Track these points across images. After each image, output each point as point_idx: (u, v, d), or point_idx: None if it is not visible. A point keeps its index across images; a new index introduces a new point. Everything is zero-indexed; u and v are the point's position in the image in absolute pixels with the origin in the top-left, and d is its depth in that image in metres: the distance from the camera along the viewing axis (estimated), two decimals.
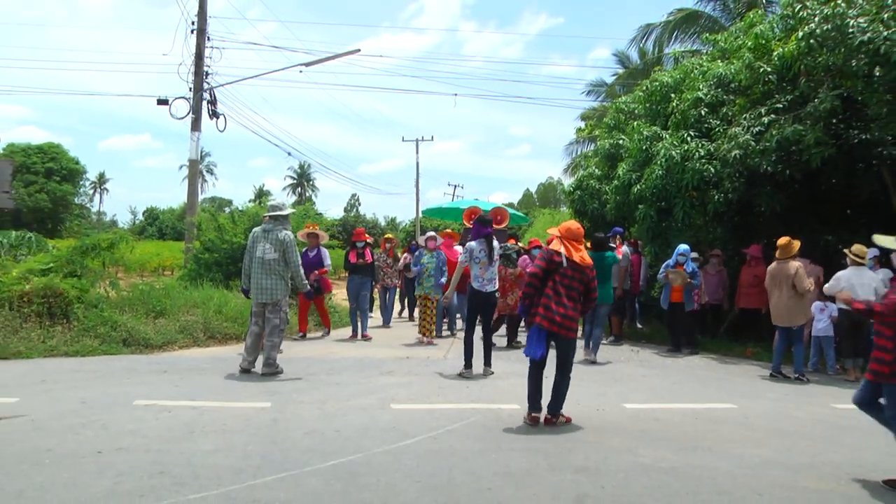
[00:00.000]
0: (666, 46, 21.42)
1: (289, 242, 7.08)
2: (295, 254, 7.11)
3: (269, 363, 7.04)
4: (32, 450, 4.29)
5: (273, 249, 7.03)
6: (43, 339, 8.09)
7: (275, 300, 7.08)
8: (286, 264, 7.09)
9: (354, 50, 17.01)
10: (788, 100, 9.48)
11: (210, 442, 4.59)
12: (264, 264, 7.03)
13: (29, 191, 37.23)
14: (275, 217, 7.22)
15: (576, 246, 5.38)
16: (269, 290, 7.05)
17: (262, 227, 7.22)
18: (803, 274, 7.92)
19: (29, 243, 14.65)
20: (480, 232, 7.60)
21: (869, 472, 4.39)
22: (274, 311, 7.10)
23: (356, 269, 10.63)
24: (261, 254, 7.03)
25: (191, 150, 15.96)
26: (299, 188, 73.71)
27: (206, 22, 15.87)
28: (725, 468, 4.38)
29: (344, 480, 3.91)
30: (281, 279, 7.09)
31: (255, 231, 7.24)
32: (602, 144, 13.97)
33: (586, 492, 3.85)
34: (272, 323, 7.08)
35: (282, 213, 7.25)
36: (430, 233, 10.89)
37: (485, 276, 7.43)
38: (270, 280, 7.04)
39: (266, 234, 7.10)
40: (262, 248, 7.04)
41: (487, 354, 7.52)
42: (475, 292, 7.47)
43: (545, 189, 70.31)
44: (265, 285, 7.04)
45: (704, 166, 10.00)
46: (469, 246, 7.54)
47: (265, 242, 7.06)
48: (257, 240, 7.11)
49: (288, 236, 7.10)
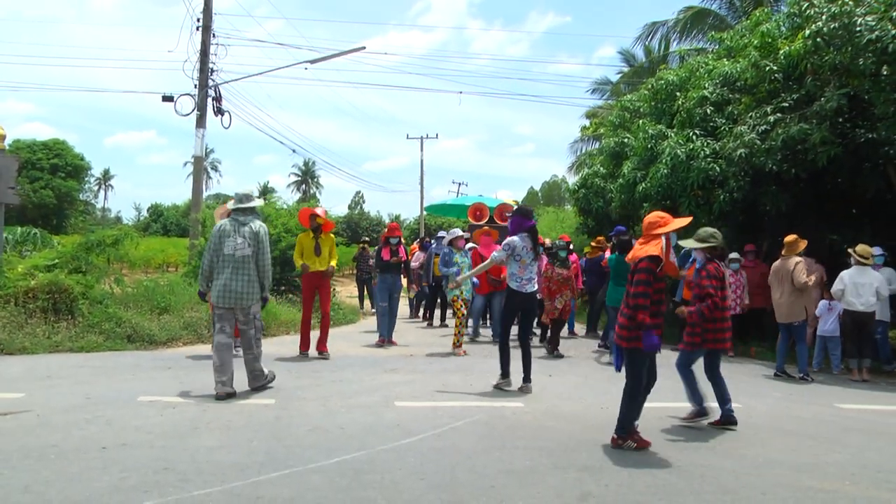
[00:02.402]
0: (673, 45, 21.37)
1: (264, 237, 6.15)
2: (269, 252, 6.21)
3: (256, 375, 6.14)
4: (37, 445, 4.31)
5: (246, 244, 6.02)
6: (48, 335, 8.13)
7: (247, 306, 6.04)
8: (257, 263, 6.09)
9: (360, 47, 16.98)
10: (794, 98, 9.44)
11: (214, 438, 4.60)
12: (236, 262, 5.99)
13: (34, 187, 37.27)
14: (243, 210, 6.20)
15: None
16: (242, 295, 5.99)
17: (232, 218, 6.19)
18: (802, 269, 7.90)
19: (34, 239, 14.74)
20: (523, 225, 6.70)
21: (874, 472, 4.38)
22: (247, 321, 6.07)
23: (388, 267, 9.74)
24: (231, 250, 5.99)
25: (195, 147, 16.01)
26: (304, 185, 73.72)
27: (211, 19, 15.90)
28: (729, 467, 4.38)
29: (348, 477, 3.91)
30: (255, 281, 6.09)
31: (222, 224, 6.18)
32: (607, 143, 13.96)
33: (590, 490, 3.84)
34: (247, 335, 6.08)
35: (251, 205, 6.26)
36: (456, 230, 10.00)
37: (524, 275, 6.53)
38: (243, 281, 5.99)
39: (238, 226, 6.08)
40: (233, 244, 6.01)
41: (527, 366, 6.59)
42: (514, 293, 6.58)
43: (549, 187, 70.16)
44: (236, 288, 5.97)
45: (710, 165, 9.97)
46: (511, 241, 6.57)
47: (237, 236, 6.03)
48: (226, 234, 6.05)
49: (263, 228, 6.18)
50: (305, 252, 8.39)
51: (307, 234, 8.48)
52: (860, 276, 7.92)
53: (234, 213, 6.21)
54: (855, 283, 7.91)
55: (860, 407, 6.55)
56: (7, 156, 9.61)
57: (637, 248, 4.75)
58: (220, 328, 6.02)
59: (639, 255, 4.64)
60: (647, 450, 4.63)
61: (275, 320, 10.46)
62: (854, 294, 7.93)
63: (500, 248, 6.73)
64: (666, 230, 4.70)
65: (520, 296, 6.56)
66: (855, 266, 8.00)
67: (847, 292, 7.96)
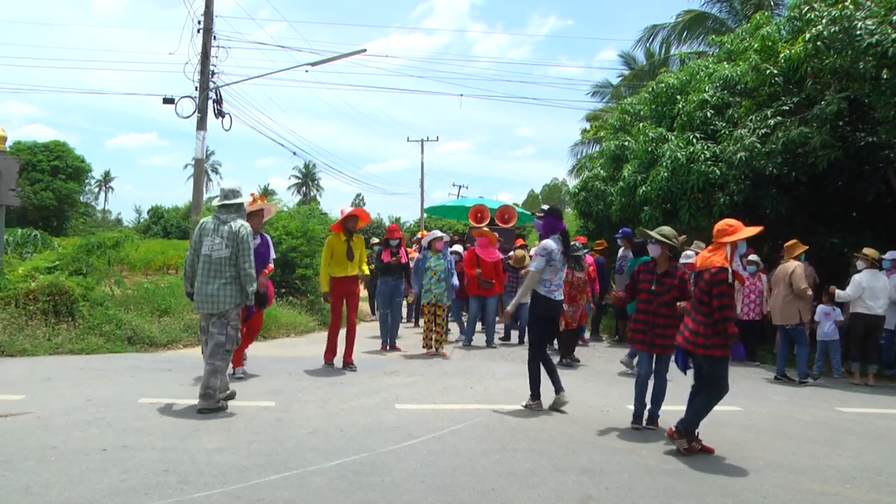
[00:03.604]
0: (673, 48, 21.39)
1: (244, 237, 5.52)
2: (250, 253, 5.57)
3: (207, 394, 5.38)
4: (38, 446, 4.31)
5: (223, 244, 5.48)
6: (48, 337, 8.12)
7: (221, 311, 5.48)
8: (235, 265, 5.51)
9: (360, 50, 16.99)
10: (795, 102, 9.46)
11: (215, 440, 4.60)
12: (212, 264, 5.47)
13: (35, 189, 37.34)
14: (227, 206, 5.65)
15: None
16: (216, 298, 5.45)
17: (214, 216, 5.67)
18: (801, 274, 7.94)
19: (34, 241, 14.72)
20: (556, 227, 6.07)
21: (874, 476, 4.38)
22: (219, 325, 5.48)
23: (389, 269, 9.40)
24: (208, 250, 5.47)
25: (196, 149, 16.01)
26: (304, 188, 73.81)
27: (212, 21, 15.91)
28: (729, 470, 4.39)
29: (348, 480, 3.91)
30: (231, 283, 5.50)
31: (204, 222, 5.68)
32: (607, 146, 13.95)
33: (590, 493, 3.84)
34: (215, 339, 5.48)
35: (235, 202, 5.66)
36: (435, 232, 9.72)
37: (554, 281, 5.96)
38: (216, 284, 5.46)
39: (218, 225, 5.56)
40: (211, 243, 5.49)
41: (555, 376, 5.99)
42: (542, 300, 5.92)
43: (550, 190, 70.19)
44: (209, 291, 5.44)
45: (710, 168, 9.98)
46: (547, 245, 5.92)
47: (215, 236, 5.50)
48: (206, 232, 5.55)
49: (245, 228, 5.57)
50: (336, 256, 7.63)
51: (338, 238, 7.68)
52: (875, 280, 7.96)
53: (218, 209, 5.68)
54: (871, 286, 7.93)
55: (861, 410, 6.55)
56: (8, 157, 9.61)
57: (704, 256, 4.80)
58: (205, 340, 5.60)
59: (706, 265, 4.69)
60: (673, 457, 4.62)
61: (275, 322, 10.45)
62: (871, 297, 7.94)
63: (537, 254, 5.99)
64: (733, 239, 4.72)
65: (549, 303, 5.95)
66: (868, 270, 8.02)
67: (865, 296, 7.97)
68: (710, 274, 4.63)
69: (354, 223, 7.83)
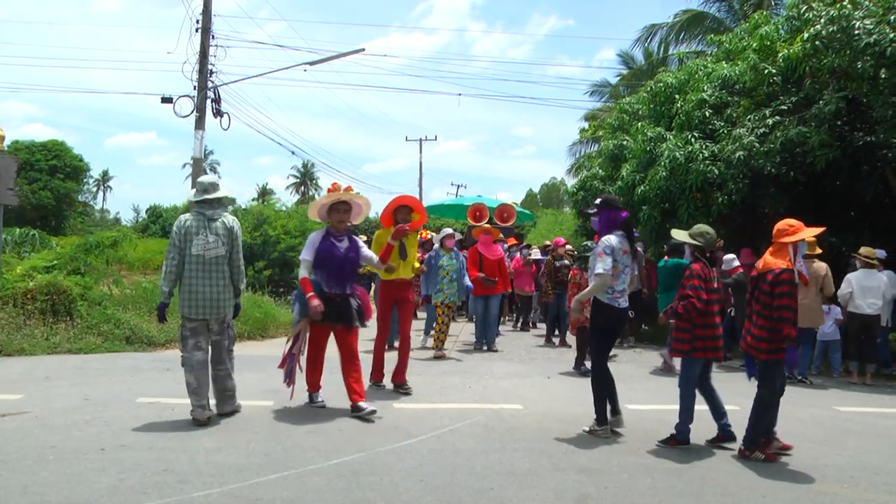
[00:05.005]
0: (671, 47, 21.41)
1: (239, 233, 5.24)
2: (241, 250, 5.28)
3: (228, 396, 5.27)
4: (36, 446, 4.30)
5: (219, 242, 5.04)
6: (46, 337, 8.12)
7: (224, 314, 5.16)
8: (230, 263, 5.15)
9: (359, 49, 16.95)
10: (793, 101, 9.46)
11: (213, 440, 4.60)
12: (207, 265, 5.00)
13: (33, 188, 37.24)
14: (208, 201, 5.12)
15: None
16: (218, 302, 5.05)
17: (196, 212, 5.10)
18: (831, 278, 7.90)
19: (32, 240, 14.73)
20: (616, 220, 5.11)
21: (872, 475, 4.39)
22: (221, 330, 5.17)
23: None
24: (200, 250, 4.97)
25: (195, 149, 15.96)
26: (303, 187, 73.74)
27: (210, 21, 15.88)
28: (728, 469, 4.39)
29: (347, 479, 3.91)
30: (232, 284, 5.18)
31: (185, 220, 5.05)
32: (606, 145, 13.95)
33: (589, 492, 3.84)
34: (221, 346, 5.17)
35: (216, 196, 5.15)
36: (446, 230, 9.26)
37: (617, 286, 5.01)
38: (218, 287, 5.03)
39: (206, 222, 5.05)
40: (203, 243, 4.99)
41: (612, 394, 5.23)
42: (605, 308, 5.02)
43: (548, 189, 70.15)
44: (211, 295, 5.01)
45: (708, 168, 9.98)
46: (610, 242, 4.98)
47: (207, 234, 5.02)
48: (192, 231, 5.00)
49: (237, 224, 5.25)
50: None
51: (389, 233, 6.17)
52: (868, 280, 7.95)
53: (198, 205, 5.12)
54: (862, 286, 7.93)
55: (859, 409, 6.56)
56: (5, 157, 9.60)
57: (767, 258, 4.68)
58: (195, 344, 5.04)
59: (769, 267, 4.58)
60: (751, 462, 4.62)
61: (273, 322, 10.45)
62: (861, 296, 7.94)
63: (601, 254, 4.97)
64: (793, 239, 4.62)
65: (614, 312, 5.03)
66: (862, 269, 8.02)
67: (855, 295, 7.97)
68: (774, 275, 4.51)
69: (407, 216, 6.32)
